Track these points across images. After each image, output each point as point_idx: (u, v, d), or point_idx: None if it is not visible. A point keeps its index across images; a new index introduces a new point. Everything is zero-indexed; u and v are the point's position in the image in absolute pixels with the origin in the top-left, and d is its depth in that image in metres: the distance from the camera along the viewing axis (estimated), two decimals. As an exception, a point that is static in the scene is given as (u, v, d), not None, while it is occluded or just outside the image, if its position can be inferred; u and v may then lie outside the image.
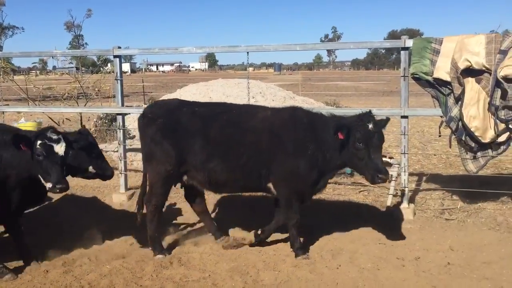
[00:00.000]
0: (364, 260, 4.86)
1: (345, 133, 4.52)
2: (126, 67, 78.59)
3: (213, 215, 6.04)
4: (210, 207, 6.16)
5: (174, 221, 6.17)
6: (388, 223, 5.82)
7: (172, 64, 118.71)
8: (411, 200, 6.47)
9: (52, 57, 10.27)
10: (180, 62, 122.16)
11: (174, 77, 55.61)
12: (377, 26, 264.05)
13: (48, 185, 4.29)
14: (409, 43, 5.84)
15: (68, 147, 4.46)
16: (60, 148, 4.34)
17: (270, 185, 4.96)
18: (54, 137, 4.35)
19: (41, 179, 4.35)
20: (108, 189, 7.55)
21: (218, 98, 13.43)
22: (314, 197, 5.30)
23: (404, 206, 6.19)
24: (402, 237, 5.41)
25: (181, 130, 4.94)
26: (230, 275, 4.55)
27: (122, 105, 7.01)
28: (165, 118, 5.01)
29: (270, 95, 14.15)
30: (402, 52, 5.96)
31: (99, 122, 11.69)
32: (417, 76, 5.72)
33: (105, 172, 5.08)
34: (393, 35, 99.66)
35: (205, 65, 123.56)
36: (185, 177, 5.10)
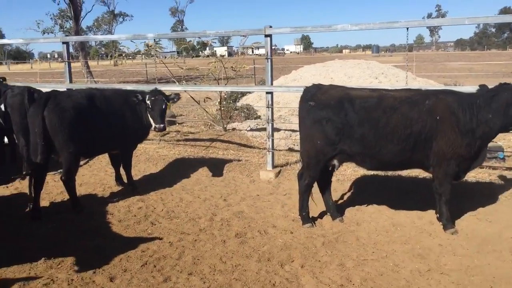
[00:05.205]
0: None
1: None
2: (221, 50, 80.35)
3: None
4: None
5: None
6: None
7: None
8: None
9: (199, 38, 10.71)
10: (275, 45, 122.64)
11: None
12: (485, 3, 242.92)
13: None
14: None
15: None
16: None
17: None
18: None
19: None
20: (253, 166, 7.74)
21: (340, 79, 13.19)
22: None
23: None
24: None
25: None
26: (409, 256, 4.43)
27: (271, 83, 7.07)
28: None
29: (393, 76, 13.59)
30: None
31: (224, 102, 12.07)
32: None
33: None
34: (506, 12, 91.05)
35: (300, 48, 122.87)
36: None
